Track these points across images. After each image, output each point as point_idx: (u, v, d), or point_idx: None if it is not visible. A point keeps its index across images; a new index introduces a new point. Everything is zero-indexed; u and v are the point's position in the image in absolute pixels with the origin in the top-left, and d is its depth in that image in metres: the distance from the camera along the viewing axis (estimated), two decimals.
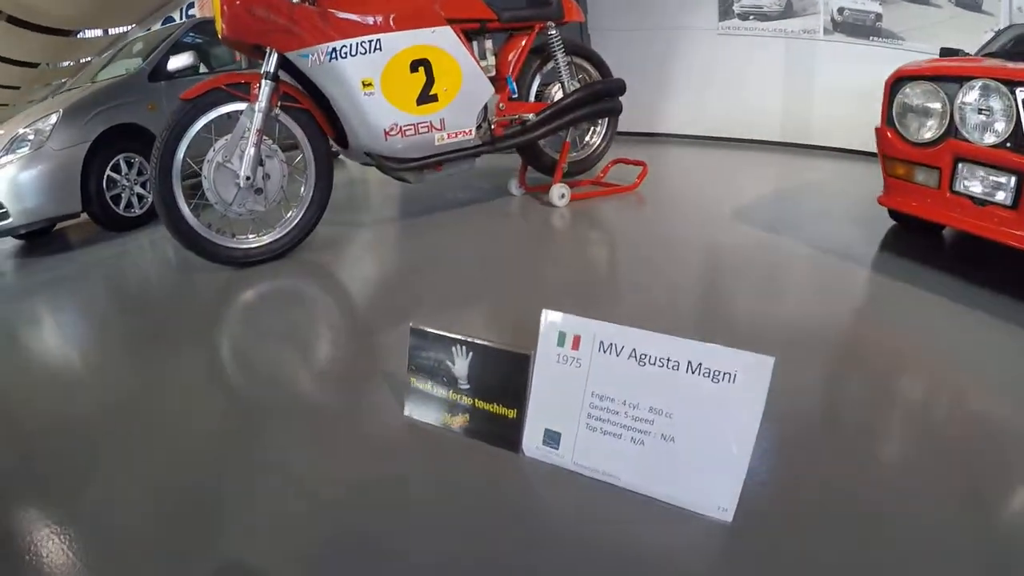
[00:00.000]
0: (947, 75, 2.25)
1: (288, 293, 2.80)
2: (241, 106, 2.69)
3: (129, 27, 15.06)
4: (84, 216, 4.18)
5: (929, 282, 2.37)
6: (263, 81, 2.67)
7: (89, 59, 19.03)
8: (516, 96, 3.34)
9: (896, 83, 2.43)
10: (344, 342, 2.30)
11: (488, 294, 2.54)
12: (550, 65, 3.57)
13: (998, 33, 4.38)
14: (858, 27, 6.21)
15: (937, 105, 2.28)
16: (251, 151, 2.69)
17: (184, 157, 2.66)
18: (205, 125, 2.69)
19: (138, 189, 4.33)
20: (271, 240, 2.87)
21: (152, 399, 2.02)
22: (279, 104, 2.70)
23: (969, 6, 5.85)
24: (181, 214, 2.71)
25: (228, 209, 2.77)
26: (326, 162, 2.86)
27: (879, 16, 6.09)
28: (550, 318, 1.36)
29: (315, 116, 2.82)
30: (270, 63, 2.66)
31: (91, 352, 2.54)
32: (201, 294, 2.87)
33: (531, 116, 3.34)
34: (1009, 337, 1.94)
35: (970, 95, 2.18)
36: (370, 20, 2.72)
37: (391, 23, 2.78)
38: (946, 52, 4.18)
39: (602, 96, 3.57)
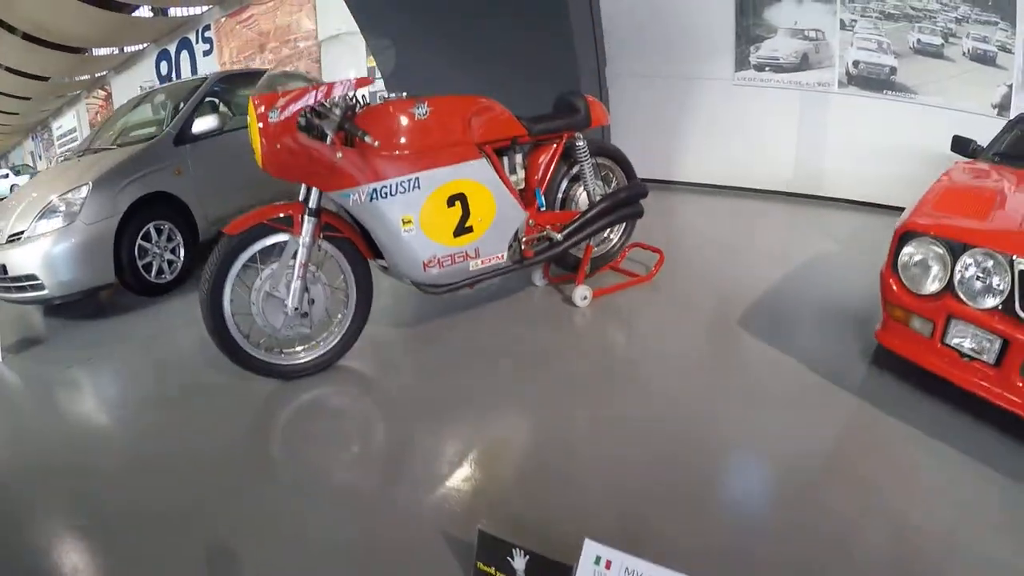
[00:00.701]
0: (952, 238, 2.37)
1: (329, 412, 2.89)
2: (284, 237, 2.74)
3: (144, 45, 15.14)
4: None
5: (910, 409, 2.49)
6: (306, 217, 2.70)
7: (104, 73, 19.17)
8: (543, 207, 3.42)
9: (904, 236, 2.52)
10: (393, 487, 2.29)
11: (508, 417, 2.68)
12: (575, 170, 3.63)
13: (1011, 124, 4.37)
14: (872, 80, 6.25)
15: (939, 266, 2.40)
16: (297, 283, 2.74)
17: (232, 290, 2.74)
18: (250, 258, 2.77)
19: (168, 256, 4.36)
20: (316, 356, 2.96)
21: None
22: (322, 235, 2.78)
23: (982, 60, 5.88)
24: (235, 342, 2.81)
25: (276, 332, 2.86)
26: (366, 283, 2.97)
27: (893, 70, 6.14)
28: (590, 548, 1.57)
29: (356, 243, 2.90)
30: (312, 200, 2.69)
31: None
32: (242, 399, 2.93)
33: (557, 235, 3.42)
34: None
35: (971, 262, 2.31)
36: (409, 159, 2.79)
37: (428, 161, 2.86)
38: (959, 141, 4.20)
39: (626, 203, 3.66)
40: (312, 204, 2.67)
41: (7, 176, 26.36)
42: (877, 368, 2.80)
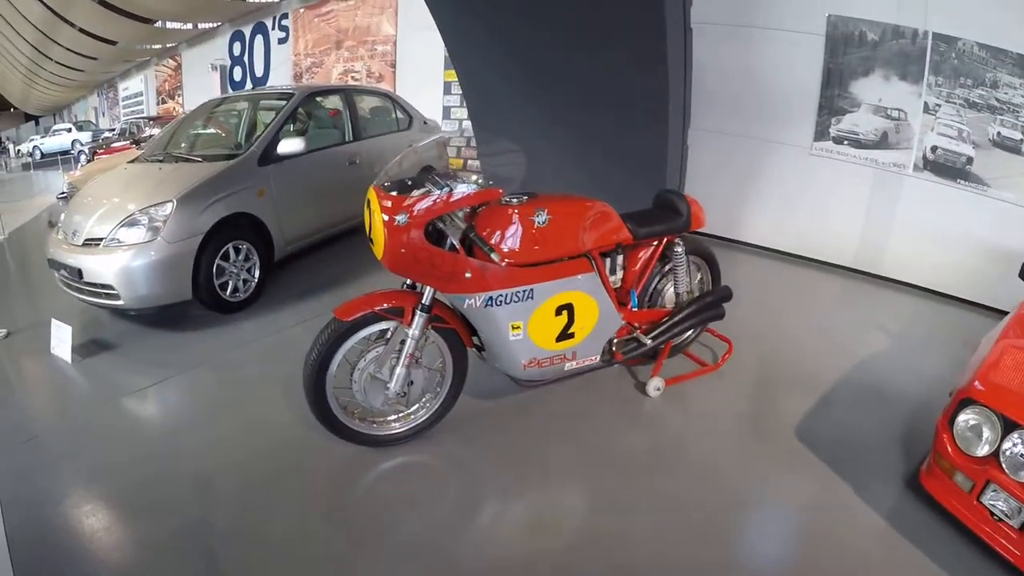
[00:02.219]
0: (1006, 414, 2.53)
1: (402, 471, 2.96)
2: (392, 324, 2.80)
3: (218, 24, 15.16)
4: None
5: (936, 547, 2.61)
6: (418, 311, 2.74)
7: (175, 44, 19.30)
8: (636, 307, 3.48)
9: (964, 401, 2.66)
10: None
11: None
12: (667, 267, 3.66)
13: None
14: (947, 168, 6.09)
15: (991, 433, 2.57)
16: (401, 371, 2.79)
17: (335, 372, 2.79)
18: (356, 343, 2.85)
19: (244, 275, 4.31)
20: (408, 427, 3.05)
21: None
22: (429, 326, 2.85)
23: None
24: (335, 417, 2.88)
25: (373, 408, 2.95)
26: (463, 367, 3.04)
27: (970, 160, 5.97)
28: None
29: (460, 334, 2.96)
30: (426, 297, 2.74)
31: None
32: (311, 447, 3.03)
33: (646, 339, 3.45)
34: None
35: (1019, 440, 2.48)
36: (525, 270, 2.84)
37: (544, 274, 2.90)
38: None
39: (712, 307, 3.70)
40: (426, 301, 2.74)
41: (70, 130, 26.64)
42: (914, 496, 2.89)
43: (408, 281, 2.93)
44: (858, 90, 6.17)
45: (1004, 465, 2.48)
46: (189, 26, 16.54)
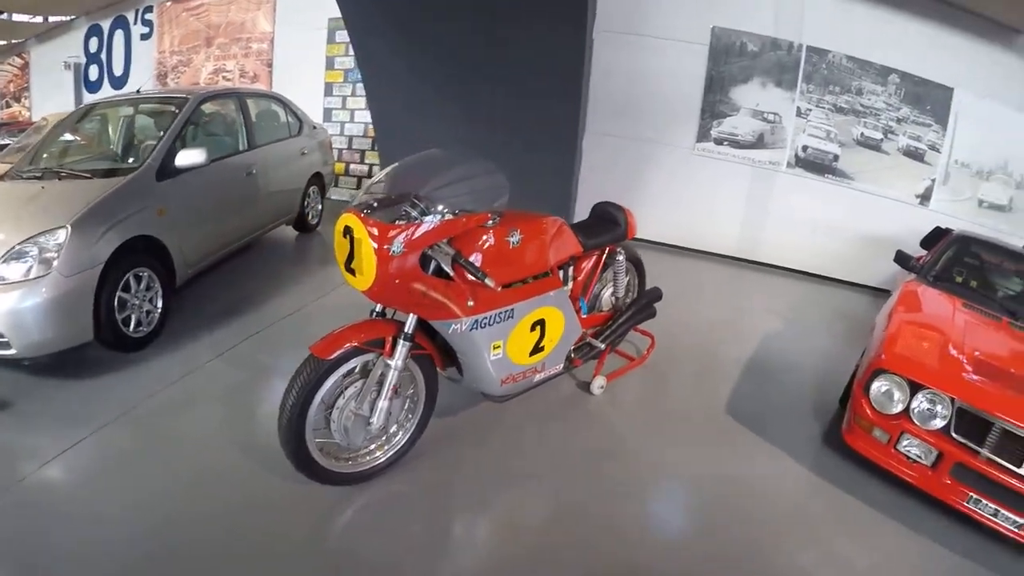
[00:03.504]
0: (912, 378, 3.08)
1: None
2: (370, 356, 2.61)
3: (72, 17, 13.19)
4: None
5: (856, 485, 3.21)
6: (401, 341, 2.57)
7: (22, 40, 16.56)
8: (585, 313, 3.60)
9: (876, 371, 3.17)
10: None
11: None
12: (608, 274, 3.84)
13: (949, 242, 4.92)
14: (817, 164, 6.68)
15: (900, 395, 3.10)
16: (384, 404, 2.62)
17: (315, 413, 2.54)
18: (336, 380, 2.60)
19: (147, 306, 3.75)
20: (389, 455, 2.88)
21: None
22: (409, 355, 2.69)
23: (913, 156, 6.52)
24: (317, 464, 2.63)
25: (352, 445, 2.72)
26: (434, 389, 2.93)
27: (836, 157, 6.60)
28: None
29: (435, 359, 2.84)
30: (409, 326, 2.59)
31: None
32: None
33: (598, 342, 3.62)
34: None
35: (923, 399, 3.04)
36: (507, 290, 2.81)
37: (523, 292, 2.94)
38: (901, 256, 4.63)
39: (647, 307, 3.96)
40: (409, 330, 2.58)
41: None
42: (834, 452, 3.49)
43: (379, 309, 2.77)
44: (738, 96, 6.56)
45: (915, 419, 3.04)
46: (39, 19, 14.31)
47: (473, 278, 2.50)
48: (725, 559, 2.63)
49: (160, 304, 3.89)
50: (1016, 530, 2.81)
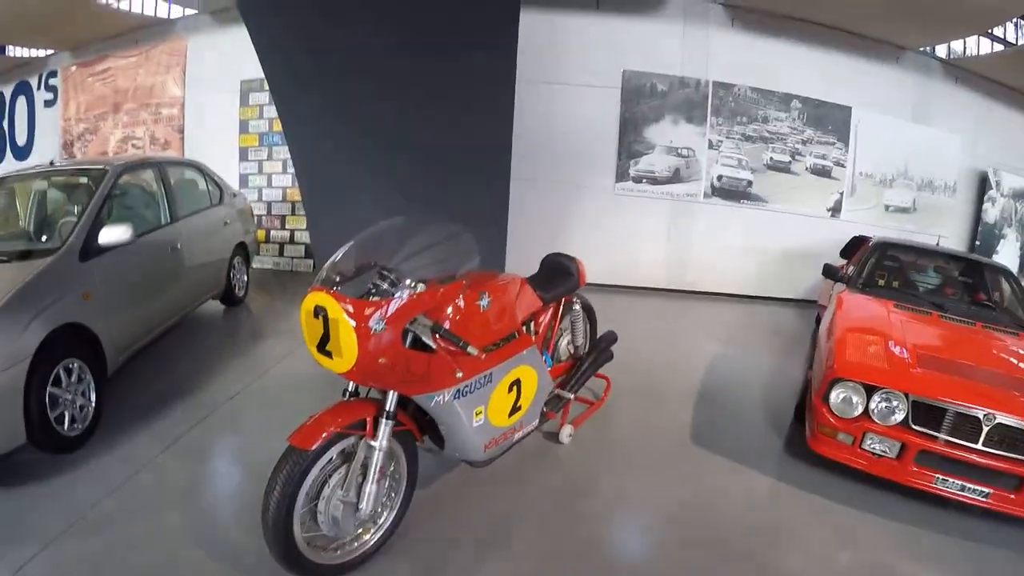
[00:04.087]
0: (867, 382, 3.26)
1: None
2: (351, 441, 2.45)
3: None
4: None
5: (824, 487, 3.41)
6: (383, 420, 2.42)
7: None
8: (550, 365, 3.58)
9: (834, 380, 3.33)
10: None
11: None
12: (564, 323, 3.85)
13: (871, 249, 5.18)
14: (732, 192, 6.98)
15: (859, 399, 3.27)
16: (373, 488, 2.43)
17: (301, 507, 2.34)
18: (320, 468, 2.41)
19: (80, 400, 3.30)
20: (379, 537, 2.66)
21: None
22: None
23: (820, 173, 6.94)
24: (307, 560, 2.40)
25: (341, 535, 2.52)
26: (415, 462, 2.78)
27: (750, 183, 6.93)
28: None
29: (413, 432, 2.71)
30: (391, 403, 2.44)
31: None
32: None
33: (567, 393, 3.62)
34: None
35: (880, 399, 3.23)
36: (485, 356, 2.69)
37: (499, 355, 2.86)
38: (829, 268, 4.92)
39: (605, 350, 4.01)
40: (391, 408, 2.43)
41: None
42: (792, 458, 3.73)
43: (351, 388, 2.59)
44: (651, 134, 6.83)
45: (875, 418, 3.24)
46: None
47: (453, 347, 2.41)
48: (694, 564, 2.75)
49: (93, 397, 3.46)
50: (984, 499, 3.08)
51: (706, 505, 3.20)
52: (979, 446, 3.07)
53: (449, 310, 2.50)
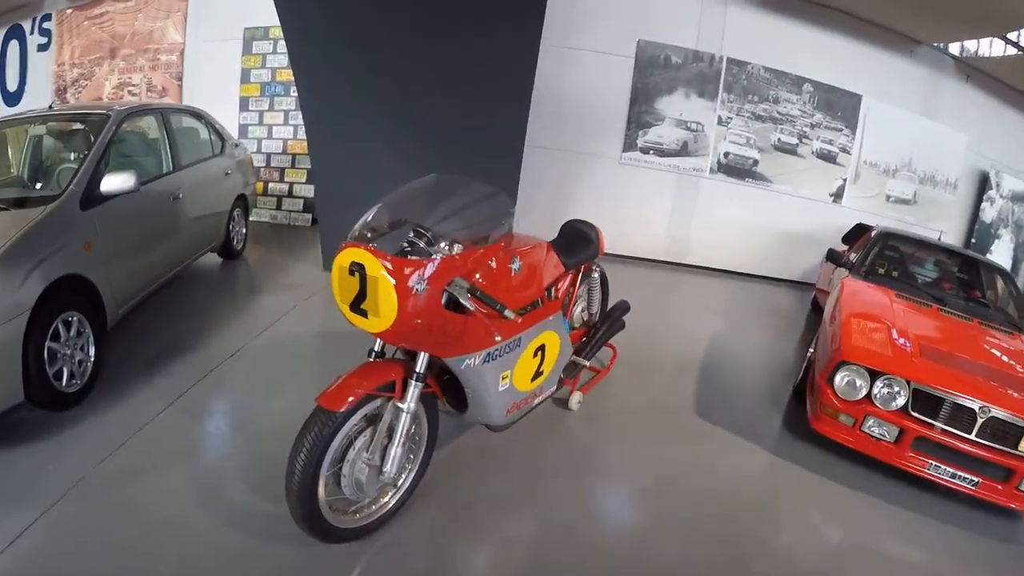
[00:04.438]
0: (871, 367, 3.36)
1: None
2: (378, 403, 2.39)
3: None
4: None
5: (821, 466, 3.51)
6: (412, 382, 2.37)
7: None
8: (568, 332, 3.50)
9: (840, 363, 3.42)
10: None
11: None
12: (582, 291, 3.82)
13: (874, 239, 5.20)
14: (737, 169, 6.89)
15: (863, 382, 3.38)
16: (398, 451, 2.40)
17: (327, 470, 2.30)
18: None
19: (78, 355, 3.20)
20: (399, 499, 2.65)
21: None
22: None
23: (826, 158, 6.87)
24: (330, 525, 2.36)
25: (362, 498, 2.57)
26: (436, 427, 2.75)
27: (756, 162, 6.84)
28: None
29: (437, 395, 2.69)
30: (421, 365, 2.39)
31: None
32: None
33: (583, 360, 3.67)
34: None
35: (883, 384, 3.34)
36: (520, 320, 2.63)
37: (528, 319, 2.82)
38: (832, 253, 4.99)
39: (618, 319, 4.02)
40: (421, 370, 2.38)
41: None
42: (791, 435, 3.83)
43: (377, 349, 2.50)
44: (662, 106, 6.68)
45: (877, 402, 3.35)
46: None
47: (488, 310, 2.33)
48: (716, 545, 2.78)
49: (93, 352, 3.36)
50: (972, 487, 3.23)
51: (707, 476, 3.30)
52: (972, 437, 3.18)
53: (482, 273, 2.42)
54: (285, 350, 4.14)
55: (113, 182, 3.58)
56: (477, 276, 2.39)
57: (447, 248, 2.21)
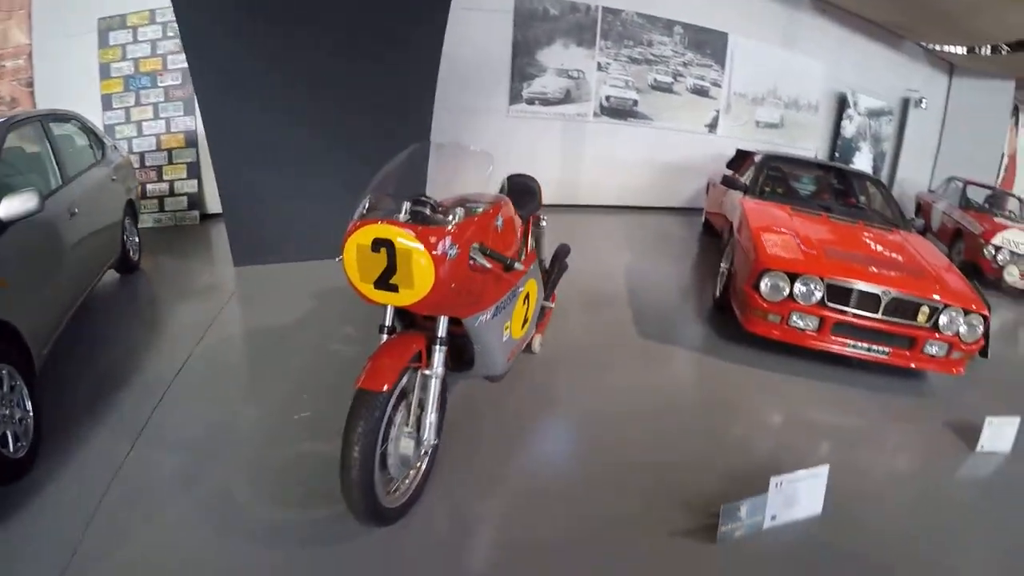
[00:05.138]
0: (789, 271, 3.86)
1: None
2: (407, 375, 2.35)
3: None
4: None
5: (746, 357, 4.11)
6: (437, 348, 2.38)
7: None
8: None
9: (763, 271, 3.91)
10: None
11: None
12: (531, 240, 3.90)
13: (760, 164, 5.63)
14: (619, 111, 7.13)
15: (784, 285, 3.87)
16: (433, 417, 2.37)
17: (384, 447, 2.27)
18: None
19: (17, 412, 2.75)
20: (424, 470, 2.60)
21: None
22: None
23: (699, 93, 7.28)
24: (385, 509, 2.31)
25: (406, 473, 2.45)
26: (446, 390, 2.67)
27: (636, 102, 7.12)
28: None
29: (449, 355, 2.64)
30: (442, 329, 2.38)
31: None
32: None
33: (549, 303, 3.84)
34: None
35: (800, 284, 3.85)
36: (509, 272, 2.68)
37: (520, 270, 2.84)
38: (729, 179, 5.55)
39: (563, 261, 4.15)
40: (443, 334, 2.37)
41: None
42: (723, 340, 4.38)
43: (388, 324, 2.44)
44: (544, 57, 6.74)
45: (798, 299, 3.88)
46: None
47: (499, 265, 2.40)
48: (677, 441, 3.18)
49: (30, 405, 2.83)
50: (885, 356, 3.90)
51: (665, 385, 3.80)
52: (880, 316, 3.79)
53: (488, 232, 2.46)
54: (231, 355, 3.90)
55: (13, 206, 3.04)
56: (487, 234, 2.44)
57: (460, 213, 2.22)
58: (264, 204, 4.81)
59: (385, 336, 2.43)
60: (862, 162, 9.25)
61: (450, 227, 2.16)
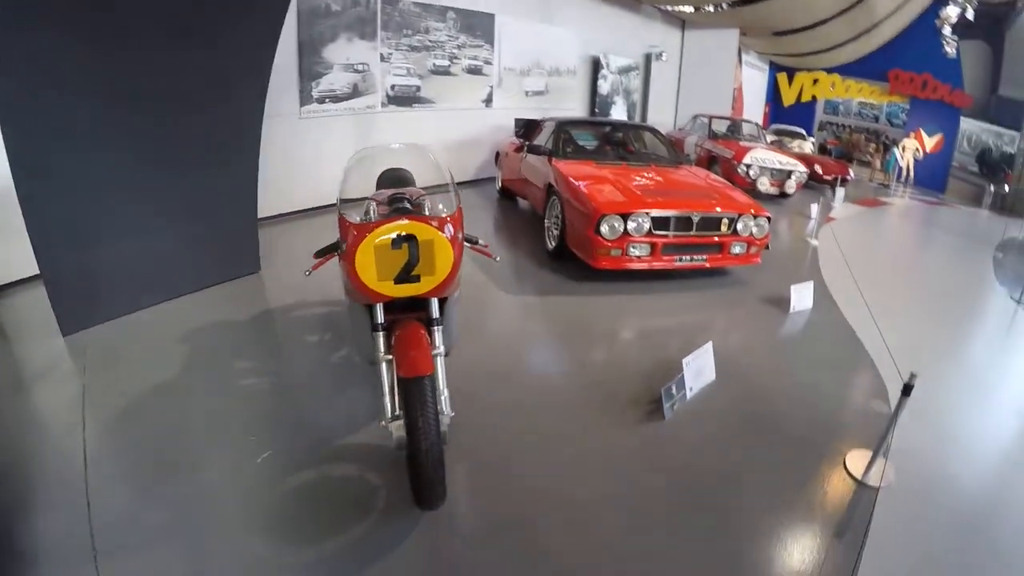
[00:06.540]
0: (621, 212, 4.54)
1: None
2: None
3: None
4: None
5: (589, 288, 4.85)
6: (436, 328, 2.41)
7: None
8: None
9: (601, 216, 4.54)
10: None
11: None
12: None
13: (556, 128, 6.30)
14: (405, 98, 7.46)
15: (619, 224, 4.57)
16: (446, 391, 2.38)
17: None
18: None
19: None
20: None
21: None
22: None
23: (474, 72, 8.01)
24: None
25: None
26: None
27: (419, 88, 7.47)
28: None
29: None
30: (436, 310, 2.41)
31: None
32: None
33: None
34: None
35: (632, 220, 4.59)
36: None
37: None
38: (534, 147, 6.22)
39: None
40: (436, 314, 2.40)
41: None
42: (572, 280, 4.95)
43: (382, 321, 2.36)
44: (329, 54, 6.67)
45: (632, 233, 4.61)
46: None
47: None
48: (594, 364, 3.70)
49: None
50: (704, 263, 4.90)
51: (548, 328, 4.13)
52: (694, 232, 4.74)
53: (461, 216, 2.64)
54: (134, 431, 2.83)
55: None
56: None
57: (429, 203, 2.39)
58: (89, 250, 3.73)
59: (381, 334, 2.37)
60: (618, 113, 10.73)
61: (446, 216, 2.35)
